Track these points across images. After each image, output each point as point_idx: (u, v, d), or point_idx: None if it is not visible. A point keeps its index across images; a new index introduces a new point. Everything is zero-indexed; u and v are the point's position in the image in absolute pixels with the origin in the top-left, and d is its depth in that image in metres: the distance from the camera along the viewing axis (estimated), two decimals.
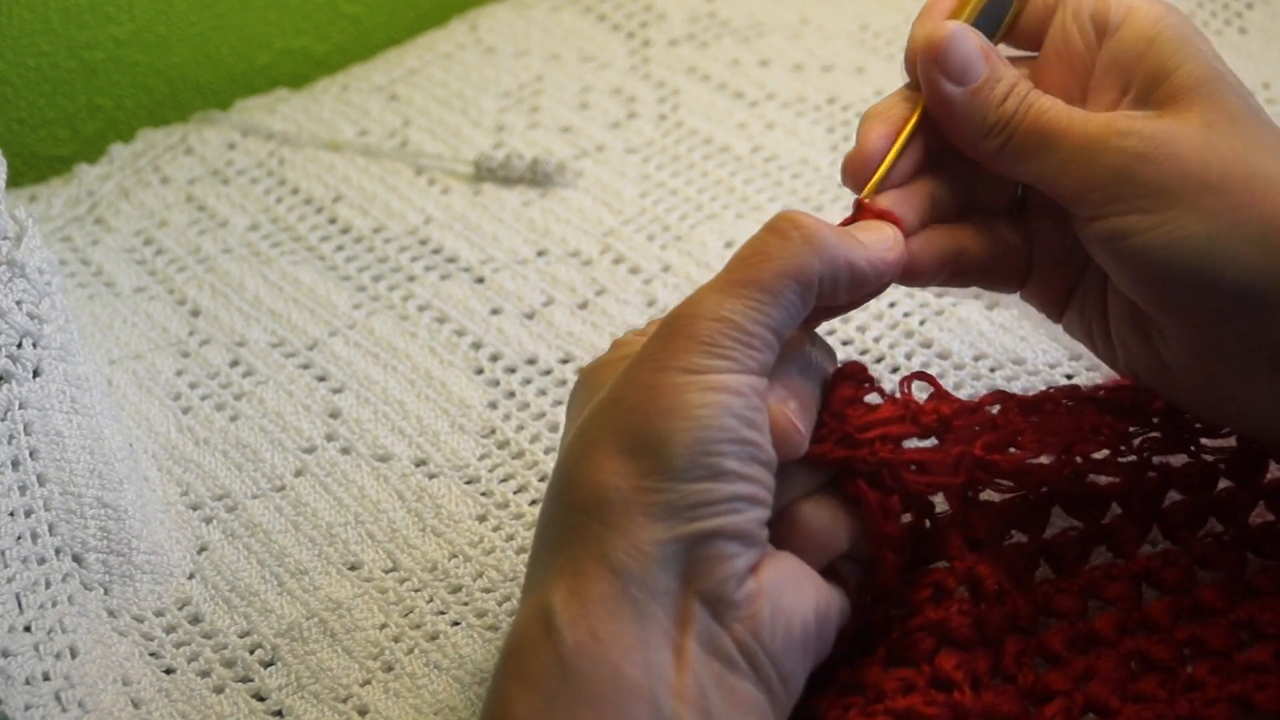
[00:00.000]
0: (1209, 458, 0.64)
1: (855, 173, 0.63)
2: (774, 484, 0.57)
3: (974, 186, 0.65)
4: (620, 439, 0.56)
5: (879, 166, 0.63)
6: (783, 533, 0.59)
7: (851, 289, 0.60)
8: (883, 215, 0.63)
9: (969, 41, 0.62)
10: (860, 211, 0.63)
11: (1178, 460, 0.64)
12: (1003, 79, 0.62)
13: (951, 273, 0.65)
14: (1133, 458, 0.64)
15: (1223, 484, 0.64)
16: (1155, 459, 0.64)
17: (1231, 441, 0.64)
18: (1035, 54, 0.65)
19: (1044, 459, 0.63)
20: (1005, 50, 0.65)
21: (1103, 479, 0.64)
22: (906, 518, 0.62)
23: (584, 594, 0.55)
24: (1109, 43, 0.62)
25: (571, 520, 0.57)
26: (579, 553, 0.56)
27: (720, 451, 0.56)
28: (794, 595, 0.57)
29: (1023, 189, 0.66)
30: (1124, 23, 0.62)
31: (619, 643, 0.54)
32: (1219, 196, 0.58)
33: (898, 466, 0.60)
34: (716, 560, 0.55)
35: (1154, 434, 0.64)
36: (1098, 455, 0.63)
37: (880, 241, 0.61)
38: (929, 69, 0.62)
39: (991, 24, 0.64)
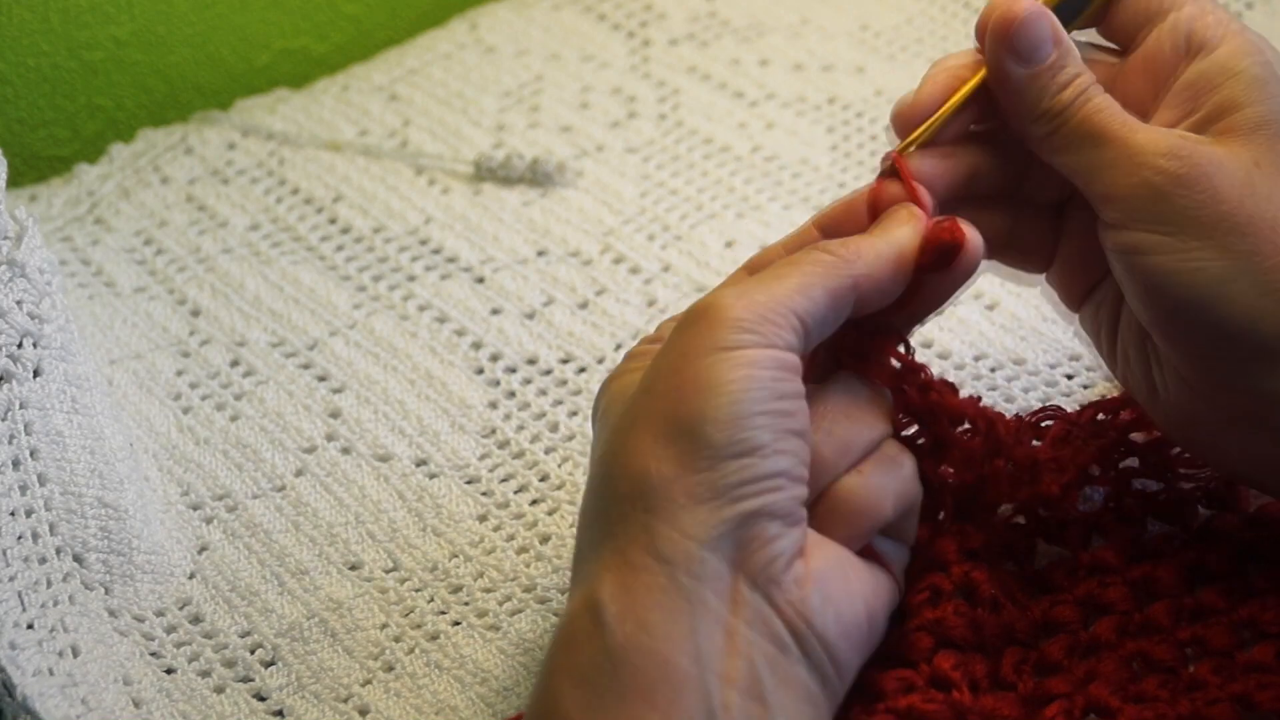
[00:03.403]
0: (1186, 485, 0.65)
1: (902, 122, 0.63)
2: (809, 461, 0.57)
3: (1023, 177, 0.65)
4: (657, 425, 0.56)
5: (927, 119, 0.63)
6: (824, 514, 0.59)
7: (884, 295, 0.61)
8: (909, 184, 0.62)
9: (1043, 25, 0.62)
10: (891, 169, 0.63)
11: (1154, 487, 0.66)
12: (1066, 68, 0.62)
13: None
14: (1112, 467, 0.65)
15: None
16: (1135, 484, 0.65)
17: (1207, 470, 0.65)
18: (1118, 50, 0.65)
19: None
20: (1089, 36, 0.65)
21: (1085, 506, 0.65)
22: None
23: (632, 585, 0.55)
24: (1195, 64, 0.62)
25: (615, 511, 0.56)
26: (625, 543, 0.55)
27: (755, 424, 0.55)
28: (842, 584, 0.57)
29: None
30: (1217, 49, 0.62)
31: (668, 633, 0.54)
32: (1242, 238, 0.59)
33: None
34: (762, 541, 0.55)
35: (1132, 460, 0.65)
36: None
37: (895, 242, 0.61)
38: (995, 44, 0.62)
39: (1073, 8, 0.64)
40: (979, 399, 0.64)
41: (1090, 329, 0.67)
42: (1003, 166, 0.65)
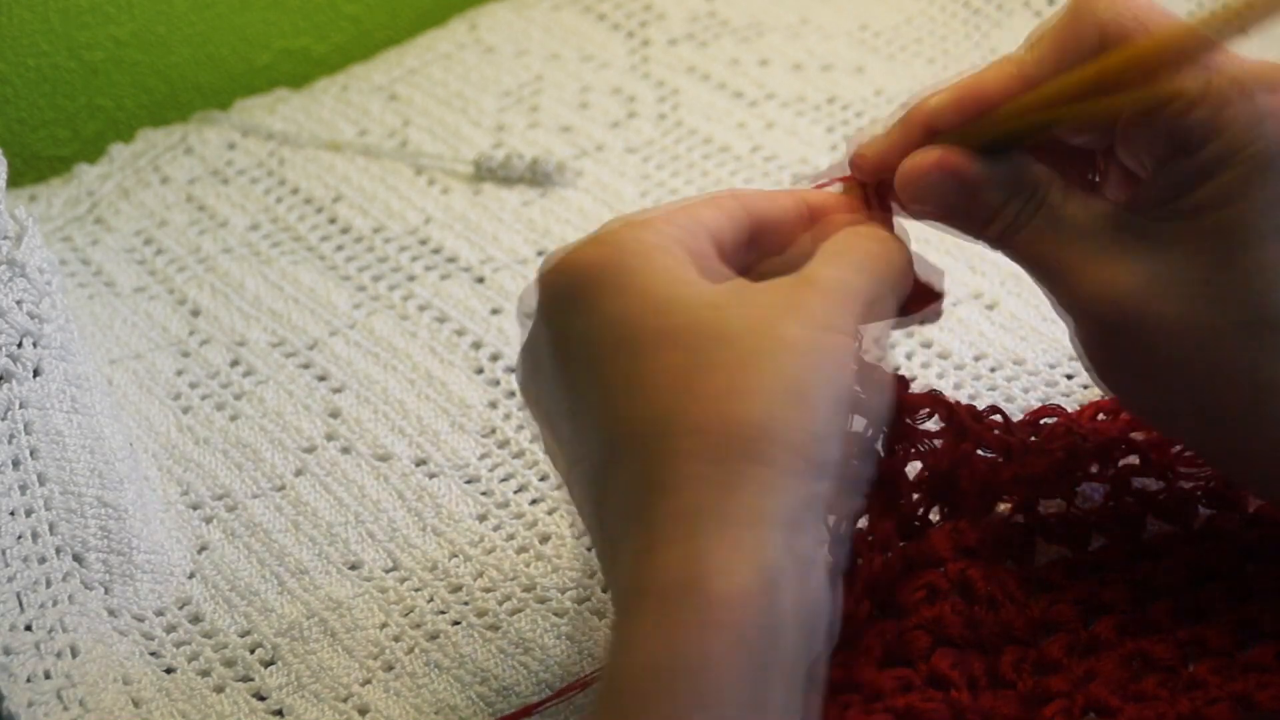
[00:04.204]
0: (1186, 484, 0.65)
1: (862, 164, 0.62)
2: None
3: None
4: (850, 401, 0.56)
5: (888, 168, 0.62)
6: None
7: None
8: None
9: (943, 182, 0.60)
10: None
11: (1154, 486, 0.65)
12: (988, 205, 0.60)
13: None
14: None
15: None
16: (1135, 483, 0.65)
17: (1208, 470, 0.65)
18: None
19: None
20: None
21: (1085, 504, 0.65)
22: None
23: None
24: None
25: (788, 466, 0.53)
26: (792, 503, 0.52)
27: None
28: None
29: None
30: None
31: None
32: (1180, 375, 0.58)
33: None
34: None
35: (1132, 458, 0.65)
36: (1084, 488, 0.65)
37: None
38: (906, 202, 0.61)
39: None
40: (935, 391, 0.64)
41: None
42: None
